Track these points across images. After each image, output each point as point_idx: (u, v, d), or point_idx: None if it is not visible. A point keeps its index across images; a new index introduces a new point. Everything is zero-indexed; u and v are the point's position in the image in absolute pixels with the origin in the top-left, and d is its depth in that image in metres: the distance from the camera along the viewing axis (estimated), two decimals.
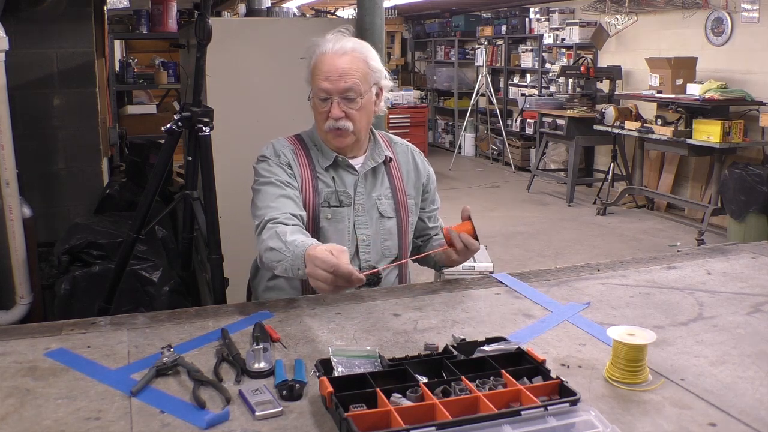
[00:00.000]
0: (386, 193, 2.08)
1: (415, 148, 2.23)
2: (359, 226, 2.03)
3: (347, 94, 1.94)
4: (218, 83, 3.10)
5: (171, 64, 5.99)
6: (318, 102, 1.97)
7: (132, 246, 2.62)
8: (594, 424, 1.17)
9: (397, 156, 2.14)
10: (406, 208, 2.10)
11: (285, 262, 1.74)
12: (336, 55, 1.94)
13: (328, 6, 9.75)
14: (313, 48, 2.00)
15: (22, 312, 3.19)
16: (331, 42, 1.97)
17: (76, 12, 3.85)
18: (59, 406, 1.30)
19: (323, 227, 2.00)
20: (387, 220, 2.06)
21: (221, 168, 2.65)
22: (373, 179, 2.08)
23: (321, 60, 1.95)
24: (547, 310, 1.79)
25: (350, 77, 1.93)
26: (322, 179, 2.03)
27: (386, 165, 2.10)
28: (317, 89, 1.95)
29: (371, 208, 2.05)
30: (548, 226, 7.01)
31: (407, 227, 2.11)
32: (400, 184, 2.11)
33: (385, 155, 2.08)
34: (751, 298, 1.88)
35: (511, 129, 10.33)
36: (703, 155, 6.72)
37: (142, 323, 1.71)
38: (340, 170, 2.05)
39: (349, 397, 1.22)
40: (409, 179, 2.13)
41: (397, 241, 2.08)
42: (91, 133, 4.02)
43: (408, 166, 2.15)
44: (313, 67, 1.98)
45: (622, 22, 8.14)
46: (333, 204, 2.01)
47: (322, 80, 1.94)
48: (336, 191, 2.02)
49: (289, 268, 1.74)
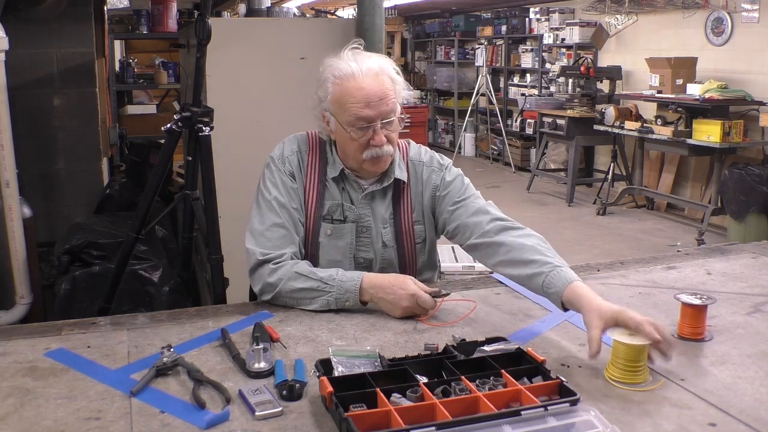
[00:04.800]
0: (390, 219, 1.92)
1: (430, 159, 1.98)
2: (359, 248, 1.92)
3: (389, 117, 1.80)
4: (218, 83, 3.10)
5: (171, 64, 5.99)
6: (356, 131, 1.79)
7: (132, 246, 2.62)
8: (594, 424, 1.17)
9: (410, 177, 1.95)
10: (411, 237, 1.94)
11: (328, 297, 1.75)
12: (368, 77, 1.77)
13: (328, 6, 9.76)
14: (329, 72, 1.81)
15: (22, 312, 3.20)
16: (353, 62, 1.79)
17: (76, 12, 3.85)
18: (59, 406, 1.30)
19: (322, 242, 1.90)
20: (388, 249, 1.93)
21: (221, 168, 2.65)
22: (380, 201, 1.92)
23: (350, 85, 1.77)
24: (547, 310, 1.79)
25: (389, 99, 1.79)
26: (329, 190, 1.90)
27: (396, 188, 1.93)
28: (353, 118, 1.77)
29: (374, 233, 1.91)
30: (548, 226, 7.00)
31: (412, 255, 1.96)
32: (406, 211, 1.93)
33: (395, 178, 1.91)
34: (751, 298, 1.88)
35: (511, 129, 10.33)
36: (703, 155, 6.72)
37: (142, 323, 1.71)
38: (347, 183, 1.91)
39: (349, 397, 1.22)
40: (417, 203, 1.95)
41: (397, 269, 1.94)
42: (91, 133, 4.02)
43: (417, 187, 1.95)
44: (337, 94, 1.79)
45: (622, 22, 8.14)
46: (336, 218, 1.89)
47: (361, 108, 1.76)
48: (342, 205, 1.90)
49: (333, 302, 1.75)
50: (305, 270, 1.78)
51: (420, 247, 1.98)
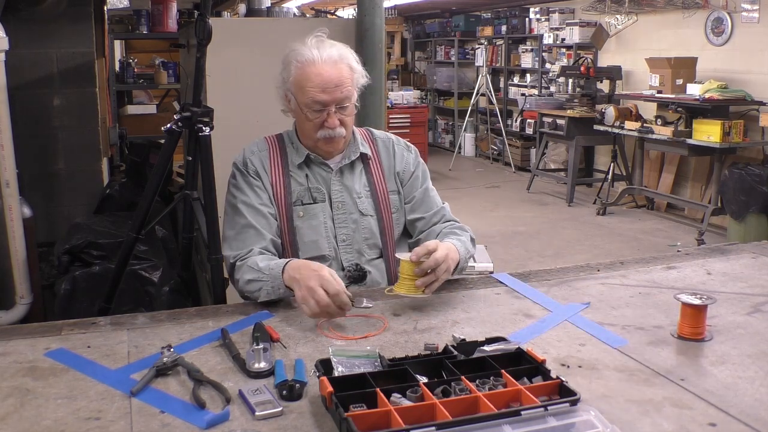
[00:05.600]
0: (365, 190, 2.05)
1: (398, 139, 2.18)
2: (338, 225, 2.02)
3: (343, 103, 1.94)
4: (218, 83, 3.11)
5: (171, 64, 5.99)
6: (312, 113, 1.94)
7: (132, 246, 2.62)
8: (594, 424, 1.17)
9: (378, 152, 2.11)
10: (388, 206, 2.07)
11: (266, 286, 1.79)
12: (327, 65, 1.91)
13: (328, 6, 9.76)
14: (292, 56, 1.95)
15: (22, 312, 3.20)
16: (316, 49, 1.93)
17: (76, 12, 3.85)
18: (59, 406, 1.30)
19: (297, 226, 2.00)
20: (367, 218, 2.04)
21: (221, 168, 2.64)
22: (350, 175, 2.06)
23: (310, 70, 1.91)
24: (547, 310, 1.79)
25: (345, 86, 1.93)
26: (294, 178, 2.02)
27: (364, 162, 2.08)
28: (310, 101, 1.92)
29: (350, 206, 2.03)
30: (548, 226, 7.01)
31: (390, 225, 2.08)
32: (380, 181, 2.08)
33: (361, 152, 2.06)
34: (751, 298, 1.88)
35: (511, 129, 10.33)
36: (703, 155, 6.72)
37: (142, 323, 1.71)
38: (313, 167, 2.04)
39: (349, 397, 1.22)
40: (390, 174, 2.10)
41: (379, 240, 2.06)
42: (91, 133, 4.02)
43: (389, 161, 2.12)
44: (298, 77, 1.94)
45: (622, 22, 8.14)
46: (306, 202, 2.01)
47: (317, 92, 1.91)
48: (309, 188, 2.01)
49: (271, 291, 1.79)
50: (253, 262, 1.85)
51: (396, 217, 2.10)
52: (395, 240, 2.11)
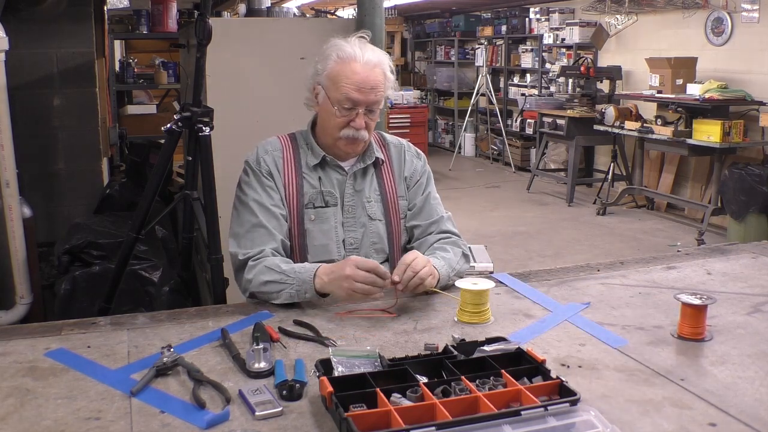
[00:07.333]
0: (375, 195, 2.05)
1: (408, 145, 2.19)
2: (347, 229, 2.01)
3: (373, 106, 1.94)
4: (218, 83, 3.10)
5: (171, 64, 5.99)
6: (341, 110, 1.92)
7: (132, 246, 2.62)
8: (594, 424, 1.17)
9: (390, 157, 2.11)
10: (397, 211, 2.07)
11: (289, 289, 1.80)
12: (368, 67, 1.92)
13: (328, 6, 9.76)
14: (333, 50, 1.95)
15: (22, 312, 3.19)
16: (358, 49, 1.93)
17: (76, 12, 3.85)
18: (59, 406, 1.30)
19: (308, 229, 1.99)
20: (375, 223, 2.03)
21: (221, 168, 2.64)
22: (362, 180, 2.05)
23: (350, 68, 1.91)
24: (547, 310, 1.79)
25: (378, 90, 1.93)
26: (307, 180, 2.01)
27: (377, 167, 2.07)
28: (343, 97, 1.91)
29: (359, 210, 2.02)
30: (548, 226, 7.01)
31: (398, 230, 2.07)
32: (390, 186, 2.07)
33: (376, 157, 2.06)
34: (751, 298, 1.88)
35: (511, 129, 10.33)
36: (703, 155, 6.72)
37: (142, 323, 1.71)
38: (328, 169, 2.03)
39: (349, 397, 1.22)
40: (400, 179, 2.10)
41: (386, 244, 2.05)
42: (91, 133, 4.02)
43: (400, 166, 2.12)
44: (335, 71, 1.93)
45: (622, 22, 8.14)
46: (318, 205, 1.99)
47: (352, 90, 1.90)
48: (321, 192, 2.00)
49: (295, 294, 1.80)
50: (273, 264, 1.85)
51: (404, 222, 2.10)
52: (401, 245, 2.09)
